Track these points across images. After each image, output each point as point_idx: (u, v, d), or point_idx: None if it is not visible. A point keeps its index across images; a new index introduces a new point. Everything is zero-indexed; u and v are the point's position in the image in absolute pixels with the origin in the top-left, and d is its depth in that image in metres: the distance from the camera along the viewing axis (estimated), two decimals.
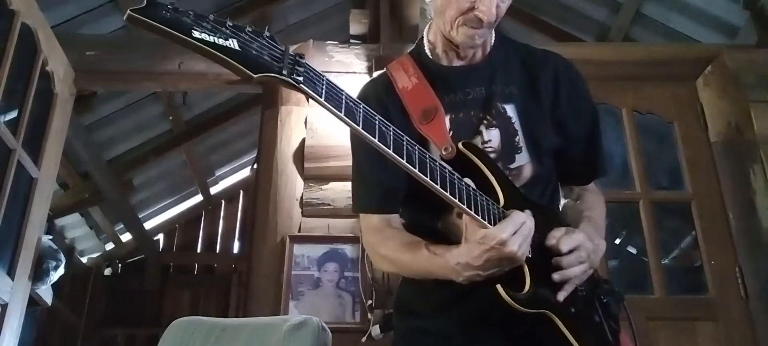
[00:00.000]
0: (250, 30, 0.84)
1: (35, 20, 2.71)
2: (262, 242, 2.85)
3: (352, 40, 3.48)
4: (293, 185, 2.91)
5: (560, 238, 1.14)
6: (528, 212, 1.08)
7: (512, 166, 1.24)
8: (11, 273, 2.55)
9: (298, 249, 2.81)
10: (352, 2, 3.92)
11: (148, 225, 6.40)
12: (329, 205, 2.86)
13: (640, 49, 3.50)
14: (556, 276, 1.13)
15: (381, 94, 1.31)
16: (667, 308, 2.73)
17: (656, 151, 3.70)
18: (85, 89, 3.65)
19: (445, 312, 1.20)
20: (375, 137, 0.94)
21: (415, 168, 0.98)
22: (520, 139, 1.26)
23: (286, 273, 2.75)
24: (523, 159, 1.25)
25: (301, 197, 2.90)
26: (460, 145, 1.16)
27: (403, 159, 0.97)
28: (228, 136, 5.72)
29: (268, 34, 0.86)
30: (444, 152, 1.16)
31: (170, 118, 4.92)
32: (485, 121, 1.25)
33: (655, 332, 2.66)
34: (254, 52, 0.83)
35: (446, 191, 1.02)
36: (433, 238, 1.20)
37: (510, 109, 1.27)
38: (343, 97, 0.92)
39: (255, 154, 5.00)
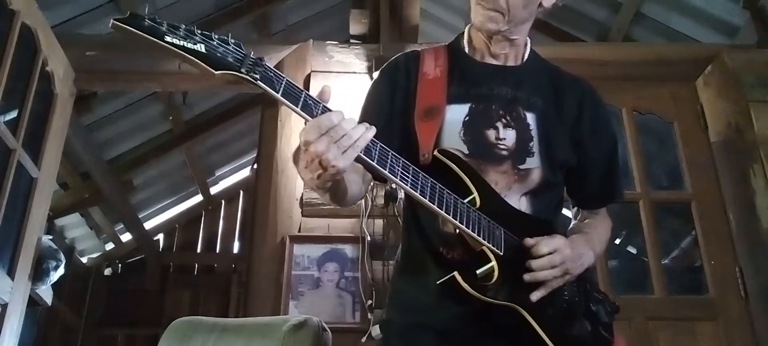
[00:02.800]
0: (218, 37, 0.97)
1: (35, 20, 2.71)
2: (262, 242, 2.85)
3: (352, 40, 3.49)
4: (293, 185, 2.91)
5: (538, 240, 1.18)
6: (340, 112, 1.03)
7: (522, 166, 1.28)
8: (11, 273, 2.55)
9: (298, 249, 2.81)
10: (352, 2, 3.91)
11: (148, 225, 6.40)
12: (329, 205, 2.86)
13: (640, 49, 3.50)
14: (527, 277, 1.17)
15: (407, 67, 1.38)
16: (667, 308, 2.73)
17: (656, 151, 3.70)
18: (85, 89, 3.65)
19: (444, 306, 1.19)
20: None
21: (373, 161, 1.06)
22: (534, 145, 1.30)
23: (286, 273, 2.75)
24: (533, 163, 1.28)
25: (301, 197, 2.90)
26: (435, 152, 1.21)
27: (362, 154, 1.05)
28: (228, 136, 5.72)
29: (233, 41, 0.99)
30: (421, 159, 1.22)
31: (170, 118, 4.93)
32: (504, 120, 1.30)
33: (655, 332, 2.66)
34: (219, 54, 0.97)
35: (407, 184, 1.10)
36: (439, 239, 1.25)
37: (530, 118, 1.32)
38: (303, 95, 1.02)
39: (255, 154, 5.01)
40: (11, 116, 2.61)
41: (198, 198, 6.71)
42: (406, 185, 1.09)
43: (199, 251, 7.00)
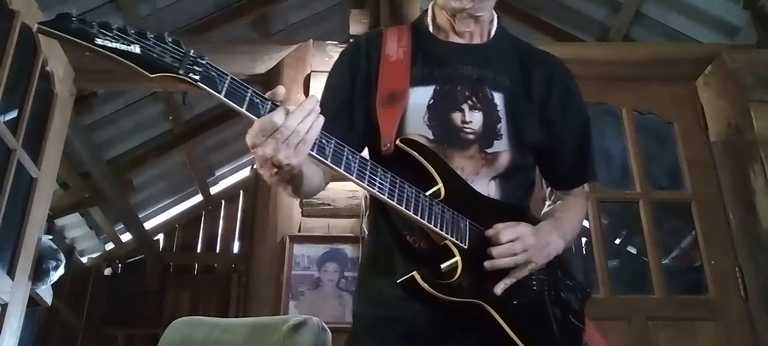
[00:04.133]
0: (154, 36, 0.91)
1: (35, 20, 2.70)
2: (262, 242, 2.86)
3: (352, 40, 3.48)
4: None
5: (500, 229, 1.14)
6: (283, 109, 0.98)
7: (489, 150, 1.23)
8: (11, 273, 2.55)
9: (298, 249, 2.81)
10: (352, 2, 3.91)
11: (148, 225, 6.40)
12: (329, 205, 2.87)
13: (640, 49, 3.50)
14: (487, 264, 1.12)
15: (368, 49, 1.32)
16: (667, 308, 2.73)
17: (656, 151, 3.70)
18: (85, 89, 3.65)
19: (408, 299, 1.12)
20: None
21: (327, 160, 1.01)
22: (502, 127, 1.25)
23: (286, 273, 2.75)
24: (501, 146, 1.23)
25: None
26: (397, 141, 1.16)
27: (315, 153, 1.00)
28: (228, 136, 5.72)
29: (171, 39, 0.92)
30: (383, 148, 1.17)
31: (170, 118, 4.93)
32: (470, 102, 1.25)
33: (655, 332, 2.66)
34: (155, 55, 0.90)
35: (363, 182, 1.04)
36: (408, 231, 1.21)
37: (498, 98, 1.27)
38: (248, 94, 0.96)
39: None
40: (11, 116, 2.61)
41: (198, 198, 6.71)
42: (364, 181, 1.04)
43: (199, 251, 6.99)
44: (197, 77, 0.92)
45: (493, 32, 1.34)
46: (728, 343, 2.64)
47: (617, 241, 5.06)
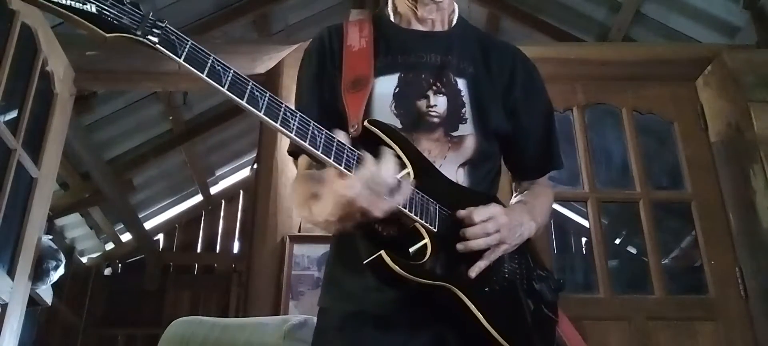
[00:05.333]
0: None
1: (35, 20, 2.71)
2: (262, 242, 2.86)
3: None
4: None
5: (472, 210, 1.12)
6: (388, 157, 1.01)
7: (454, 133, 1.23)
8: (11, 273, 2.55)
9: (298, 249, 2.81)
10: (352, 2, 3.92)
11: (148, 225, 6.41)
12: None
13: (640, 49, 3.50)
14: (459, 246, 1.10)
15: (331, 43, 1.33)
16: (667, 308, 2.73)
17: (656, 151, 3.70)
18: (85, 89, 3.65)
19: (381, 289, 1.11)
20: (243, 99, 0.95)
21: (291, 132, 0.98)
22: (466, 111, 1.25)
23: (286, 273, 2.75)
24: (466, 130, 1.23)
25: None
26: (365, 122, 1.14)
27: (277, 123, 0.97)
28: (228, 136, 5.72)
29: (129, 1, 0.90)
30: (351, 130, 1.15)
31: (170, 118, 4.93)
32: (434, 87, 1.25)
33: (655, 332, 2.66)
34: (112, 16, 0.88)
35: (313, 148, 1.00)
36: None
37: (461, 83, 1.27)
38: (210, 60, 0.93)
39: (255, 154, 5.01)
40: (11, 116, 2.61)
41: (198, 198, 6.72)
42: (329, 157, 1.00)
43: (199, 251, 7.01)
44: (155, 40, 0.89)
45: (454, 20, 1.36)
46: (728, 343, 2.64)
47: (617, 241, 5.06)
